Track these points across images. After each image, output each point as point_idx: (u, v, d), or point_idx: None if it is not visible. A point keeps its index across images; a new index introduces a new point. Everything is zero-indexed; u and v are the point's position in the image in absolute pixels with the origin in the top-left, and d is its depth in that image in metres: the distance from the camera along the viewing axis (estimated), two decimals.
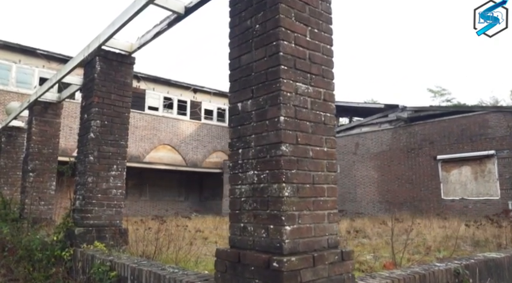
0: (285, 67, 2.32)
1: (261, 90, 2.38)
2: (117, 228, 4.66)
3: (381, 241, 6.84)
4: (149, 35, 4.67)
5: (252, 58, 2.48)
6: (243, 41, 2.57)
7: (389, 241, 6.82)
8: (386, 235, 8.02)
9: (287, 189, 2.20)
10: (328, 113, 2.53)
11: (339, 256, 2.34)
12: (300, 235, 2.23)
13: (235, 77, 2.59)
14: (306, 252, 2.23)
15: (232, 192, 2.50)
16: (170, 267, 3.08)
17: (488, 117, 15.87)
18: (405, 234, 6.56)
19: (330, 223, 2.42)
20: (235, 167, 2.50)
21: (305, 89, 2.42)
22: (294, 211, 2.22)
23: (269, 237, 2.21)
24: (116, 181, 4.88)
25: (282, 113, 2.25)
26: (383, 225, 10.20)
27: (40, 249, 4.66)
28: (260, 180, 2.31)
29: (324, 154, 2.46)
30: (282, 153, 2.22)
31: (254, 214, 2.33)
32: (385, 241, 6.91)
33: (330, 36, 2.65)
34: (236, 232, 2.43)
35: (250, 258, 2.24)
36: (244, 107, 2.49)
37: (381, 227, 10.35)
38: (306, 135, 2.37)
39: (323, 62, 2.56)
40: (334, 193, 2.48)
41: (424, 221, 8.68)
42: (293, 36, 2.40)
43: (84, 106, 5.05)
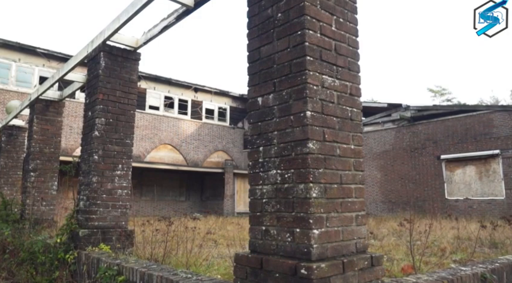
0: (310, 58, 2.15)
1: (285, 83, 2.22)
2: (123, 230, 4.49)
3: (391, 243, 6.68)
4: (156, 30, 4.50)
5: (274, 49, 2.31)
6: (263, 31, 2.41)
7: (399, 243, 6.67)
8: (394, 236, 7.87)
9: (314, 189, 2.04)
10: (354, 108, 2.37)
11: (368, 262, 2.18)
12: (328, 239, 2.06)
13: (255, 69, 2.42)
14: (334, 258, 2.07)
15: (252, 193, 2.33)
16: (182, 272, 2.91)
17: (493, 116, 15.73)
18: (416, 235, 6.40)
19: (358, 226, 2.26)
20: (255, 166, 2.34)
21: (331, 82, 2.25)
22: (322, 213, 2.05)
23: (295, 241, 2.05)
24: (121, 181, 4.71)
25: (308, 108, 2.09)
26: (389, 224, 10.05)
27: (43, 252, 4.49)
28: (284, 179, 2.15)
29: (351, 152, 2.30)
30: (309, 150, 2.05)
31: (277, 216, 2.16)
32: (394, 243, 6.75)
33: (355, 26, 2.48)
34: (257, 236, 2.27)
35: (274, 264, 2.08)
36: (266, 102, 2.32)
37: (386, 227, 10.20)
38: (333, 132, 2.20)
39: (349, 54, 2.40)
40: (362, 194, 2.32)
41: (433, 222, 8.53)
42: (318, 25, 2.23)
43: (88, 103, 4.88)
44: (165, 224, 4.52)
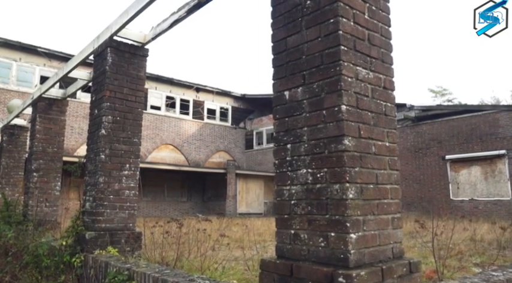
0: (344, 48, 1.98)
1: (315, 75, 2.05)
2: (132, 232, 4.32)
3: (406, 245, 6.52)
4: (166, 24, 4.33)
5: (303, 39, 2.15)
6: (290, 20, 2.24)
7: (410, 245, 6.50)
8: (405, 237, 7.70)
9: (351, 190, 1.87)
10: (388, 103, 2.21)
11: (407, 268, 2.01)
12: (366, 244, 1.90)
13: (281, 61, 2.26)
14: (372, 264, 1.90)
15: (279, 194, 2.16)
16: (199, 278, 2.74)
17: (499, 116, 15.57)
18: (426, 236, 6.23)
19: (394, 230, 2.09)
20: (282, 165, 2.17)
21: (365, 74, 2.09)
22: (359, 216, 1.89)
23: (329, 246, 1.88)
24: (128, 181, 4.54)
25: (343, 101, 1.92)
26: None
27: (47, 255, 4.32)
28: (316, 179, 1.98)
29: (386, 149, 2.14)
30: (344, 147, 1.88)
31: (308, 219, 1.99)
32: (408, 244, 6.58)
33: (387, 15, 2.32)
34: (285, 240, 2.10)
35: (306, 271, 1.91)
36: (294, 95, 2.15)
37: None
38: (368, 128, 2.04)
39: (382, 45, 2.24)
40: (397, 195, 2.16)
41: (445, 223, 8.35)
42: (352, 13, 2.07)
43: (94, 101, 4.71)
44: (175, 226, 4.35)
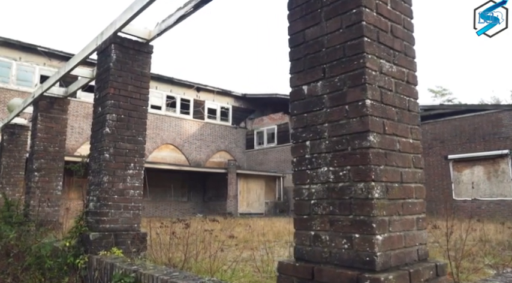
0: (368, 39, 1.89)
1: (337, 68, 1.95)
2: (137, 233, 4.22)
3: None
4: (171, 20, 4.23)
5: (322, 31, 2.05)
6: (308, 11, 2.14)
7: None
8: None
9: (376, 189, 1.77)
10: (412, 98, 2.11)
11: (433, 272, 1.91)
12: (391, 246, 1.80)
13: (299, 54, 2.16)
14: (398, 267, 1.80)
15: (298, 193, 2.06)
16: (210, 281, 2.64)
17: (502, 115, 15.48)
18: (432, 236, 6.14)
19: (419, 231, 2.00)
20: (301, 163, 2.07)
21: (389, 67, 1.99)
22: (385, 216, 1.79)
23: (353, 248, 1.78)
24: (133, 180, 4.43)
25: (368, 95, 1.82)
26: None
27: (50, 256, 4.21)
28: (338, 178, 1.88)
29: (410, 146, 2.03)
30: (369, 144, 1.78)
31: (330, 220, 1.90)
32: None
33: (410, 7, 2.22)
34: (304, 242, 2.00)
35: (328, 274, 1.81)
36: (313, 90, 2.05)
37: None
38: (392, 124, 1.94)
39: (405, 37, 2.14)
40: (422, 194, 2.06)
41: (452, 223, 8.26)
42: (375, 3, 1.97)
43: (98, 98, 4.61)
44: (180, 226, 4.25)
